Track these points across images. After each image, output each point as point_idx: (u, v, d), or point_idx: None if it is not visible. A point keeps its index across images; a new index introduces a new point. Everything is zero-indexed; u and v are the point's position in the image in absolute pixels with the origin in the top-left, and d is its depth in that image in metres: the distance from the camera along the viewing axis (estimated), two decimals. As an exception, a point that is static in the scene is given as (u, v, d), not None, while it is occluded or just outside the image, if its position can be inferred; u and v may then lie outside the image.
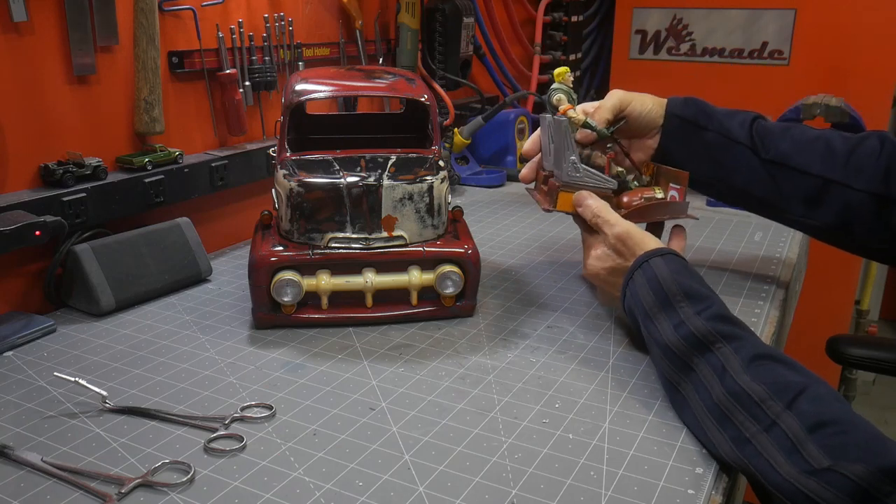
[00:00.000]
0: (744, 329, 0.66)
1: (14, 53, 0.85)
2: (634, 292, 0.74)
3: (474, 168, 1.56)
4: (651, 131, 0.91)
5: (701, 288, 0.70)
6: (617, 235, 0.79)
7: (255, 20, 1.16)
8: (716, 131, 0.88)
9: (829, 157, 0.84)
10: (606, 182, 0.86)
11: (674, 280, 0.71)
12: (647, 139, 0.91)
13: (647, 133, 0.91)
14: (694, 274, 0.73)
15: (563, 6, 1.96)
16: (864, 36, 1.71)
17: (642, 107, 0.90)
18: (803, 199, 0.85)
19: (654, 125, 0.90)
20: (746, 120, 0.89)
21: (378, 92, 1.03)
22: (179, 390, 0.72)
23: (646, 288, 0.72)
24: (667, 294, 0.70)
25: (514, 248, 1.14)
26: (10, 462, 0.61)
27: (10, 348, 0.80)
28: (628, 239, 0.78)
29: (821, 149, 0.84)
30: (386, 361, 0.78)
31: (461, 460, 0.61)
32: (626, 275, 0.76)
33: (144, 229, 0.95)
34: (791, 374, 0.60)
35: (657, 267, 0.73)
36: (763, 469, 0.56)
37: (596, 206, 0.82)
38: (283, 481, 0.58)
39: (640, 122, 0.90)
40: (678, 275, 0.72)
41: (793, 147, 0.85)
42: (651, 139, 0.91)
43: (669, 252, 0.75)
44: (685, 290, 0.70)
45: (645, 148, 0.92)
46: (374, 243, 0.83)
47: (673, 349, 0.67)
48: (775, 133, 0.87)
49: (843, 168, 0.83)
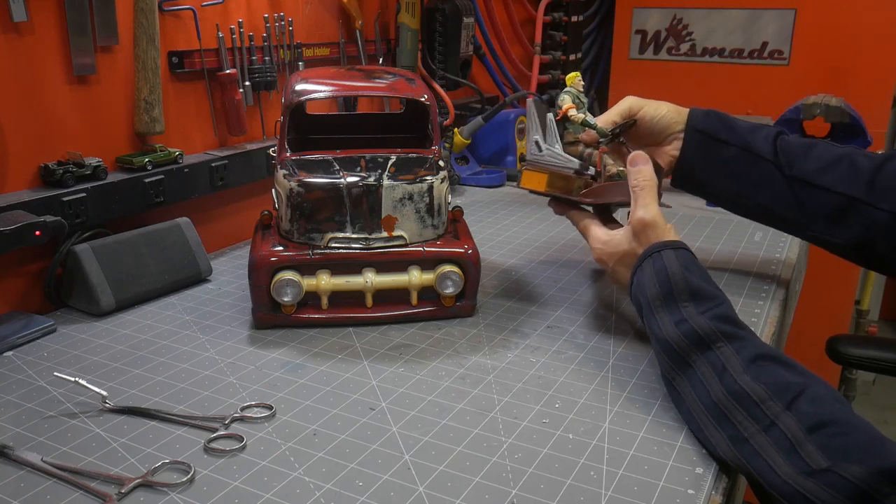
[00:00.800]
0: (747, 331, 0.66)
1: (14, 53, 0.85)
2: (641, 281, 0.74)
3: (474, 168, 1.56)
4: (667, 138, 0.90)
5: (709, 287, 0.70)
6: (643, 221, 0.78)
7: (255, 20, 1.16)
8: (738, 146, 0.87)
9: (853, 176, 0.83)
10: (568, 162, 0.86)
11: (682, 276, 0.71)
12: (665, 146, 0.90)
13: (663, 140, 0.90)
14: (704, 272, 0.73)
15: (563, 6, 1.96)
16: (864, 36, 1.71)
17: (655, 112, 0.89)
18: (826, 216, 0.85)
19: (668, 131, 0.89)
20: (770, 135, 0.88)
21: (378, 92, 1.04)
22: (179, 390, 0.72)
23: (653, 279, 0.72)
24: (672, 288, 0.70)
25: (514, 248, 1.14)
26: (10, 462, 0.61)
27: (10, 348, 0.80)
28: (652, 227, 0.77)
29: (845, 167, 0.84)
30: (386, 361, 0.78)
31: (461, 460, 0.61)
32: (636, 262, 0.76)
33: (144, 229, 0.95)
34: (791, 375, 0.60)
35: (668, 259, 0.73)
36: (761, 469, 0.56)
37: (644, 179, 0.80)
38: (283, 481, 0.58)
39: (653, 127, 0.89)
40: (687, 270, 0.71)
41: (817, 165, 0.85)
42: (669, 146, 0.90)
43: (682, 246, 0.75)
44: (692, 288, 0.69)
45: (664, 155, 0.91)
46: (374, 243, 0.83)
47: (671, 344, 0.67)
48: (799, 150, 0.86)
49: (868, 187, 0.82)
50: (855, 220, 0.83)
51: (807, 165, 0.85)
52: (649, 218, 0.78)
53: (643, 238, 0.77)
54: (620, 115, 0.88)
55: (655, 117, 0.89)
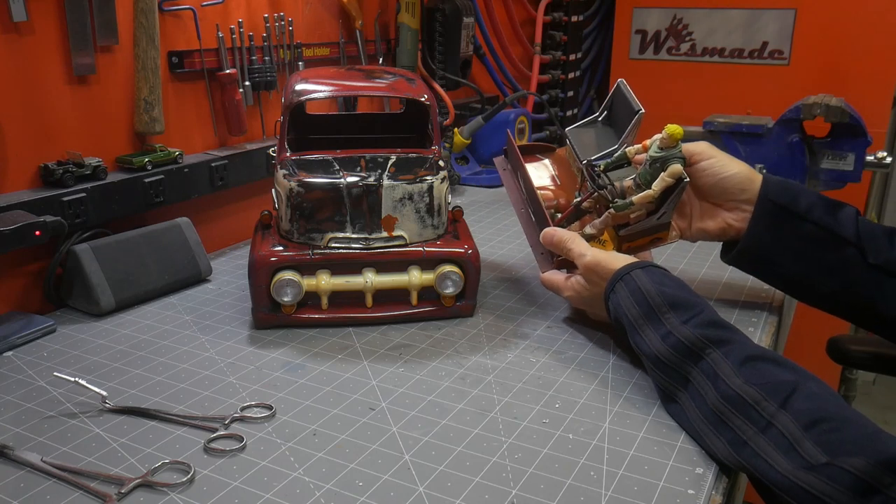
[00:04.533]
0: (733, 332, 0.66)
1: (14, 53, 0.85)
2: (617, 304, 0.73)
3: (474, 168, 1.56)
4: (729, 202, 0.82)
5: (687, 296, 0.70)
6: (587, 265, 0.78)
7: (255, 20, 1.16)
8: (819, 224, 0.78)
9: None
10: None
11: (658, 290, 0.70)
12: (725, 212, 0.83)
13: (723, 202, 0.82)
14: (678, 282, 0.72)
15: (563, 6, 1.96)
16: (864, 36, 1.71)
17: (723, 168, 0.81)
18: None
19: (734, 196, 0.81)
20: (851, 215, 0.79)
21: (378, 92, 1.03)
22: (179, 390, 0.72)
23: (629, 300, 0.72)
24: (651, 304, 0.70)
25: (514, 248, 1.14)
26: (10, 462, 0.61)
27: (10, 348, 0.80)
28: (598, 266, 0.77)
29: None
30: (386, 361, 0.78)
31: (461, 460, 0.61)
32: (607, 287, 0.75)
33: (144, 229, 0.95)
34: (783, 373, 0.60)
35: (639, 278, 0.72)
36: (762, 469, 0.56)
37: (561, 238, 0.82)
38: (283, 481, 0.58)
39: (716, 185, 0.81)
40: (662, 285, 0.71)
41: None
42: (729, 214, 0.82)
43: (650, 264, 0.75)
44: (670, 301, 0.69)
45: (715, 218, 0.83)
46: (374, 243, 0.83)
47: (663, 359, 0.67)
48: (883, 236, 0.78)
49: None
50: None
51: (892, 254, 0.77)
52: (590, 259, 0.78)
53: (599, 277, 0.77)
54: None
55: (723, 175, 0.81)
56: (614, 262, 0.76)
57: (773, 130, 1.35)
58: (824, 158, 1.34)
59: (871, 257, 0.77)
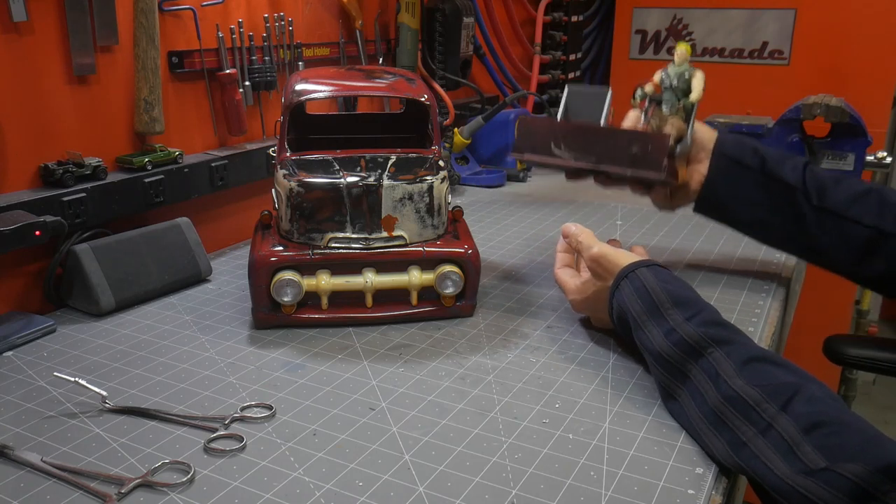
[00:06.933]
0: (735, 333, 0.66)
1: (14, 53, 0.85)
2: (622, 301, 0.74)
3: (474, 168, 1.56)
4: (699, 154, 0.91)
5: (691, 295, 0.71)
6: (592, 257, 0.80)
7: (255, 20, 1.16)
8: (765, 173, 0.88)
9: (882, 209, 0.83)
10: None
11: (662, 288, 0.71)
12: (695, 164, 0.92)
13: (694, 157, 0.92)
14: (682, 282, 0.73)
15: (563, 6, 1.96)
16: (864, 36, 1.71)
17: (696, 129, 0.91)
18: (854, 249, 0.85)
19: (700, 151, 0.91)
20: (798, 165, 0.88)
21: (378, 92, 1.03)
22: (179, 390, 0.72)
23: (634, 297, 0.73)
24: (656, 302, 0.70)
25: (514, 248, 1.14)
26: (10, 462, 0.61)
27: (10, 348, 0.80)
28: (603, 259, 0.79)
29: (874, 200, 0.84)
30: (386, 361, 0.78)
31: (461, 460, 0.61)
32: (612, 284, 0.76)
33: (144, 229, 0.95)
34: (785, 375, 0.60)
35: (644, 276, 0.73)
36: (761, 472, 0.56)
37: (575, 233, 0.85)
38: (283, 481, 0.58)
39: None
40: (666, 283, 0.72)
41: (846, 197, 0.85)
42: (700, 165, 0.91)
43: (654, 263, 0.76)
44: (674, 298, 0.70)
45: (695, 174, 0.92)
46: (374, 243, 0.83)
47: (665, 356, 0.67)
48: (828, 181, 0.86)
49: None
50: (884, 253, 0.83)
51: (835, 197, 0.85)
52: (597, 251, 0.79)
53: (603, 270, 0.78)
54: None
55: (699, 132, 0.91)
56: (620, 258, 0.78)
57: (773, 130, 1.35)
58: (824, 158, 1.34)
59: (814, 200, 0.86)
